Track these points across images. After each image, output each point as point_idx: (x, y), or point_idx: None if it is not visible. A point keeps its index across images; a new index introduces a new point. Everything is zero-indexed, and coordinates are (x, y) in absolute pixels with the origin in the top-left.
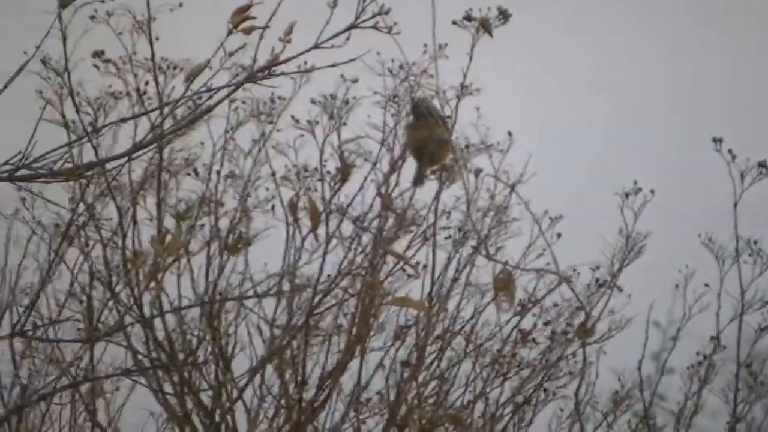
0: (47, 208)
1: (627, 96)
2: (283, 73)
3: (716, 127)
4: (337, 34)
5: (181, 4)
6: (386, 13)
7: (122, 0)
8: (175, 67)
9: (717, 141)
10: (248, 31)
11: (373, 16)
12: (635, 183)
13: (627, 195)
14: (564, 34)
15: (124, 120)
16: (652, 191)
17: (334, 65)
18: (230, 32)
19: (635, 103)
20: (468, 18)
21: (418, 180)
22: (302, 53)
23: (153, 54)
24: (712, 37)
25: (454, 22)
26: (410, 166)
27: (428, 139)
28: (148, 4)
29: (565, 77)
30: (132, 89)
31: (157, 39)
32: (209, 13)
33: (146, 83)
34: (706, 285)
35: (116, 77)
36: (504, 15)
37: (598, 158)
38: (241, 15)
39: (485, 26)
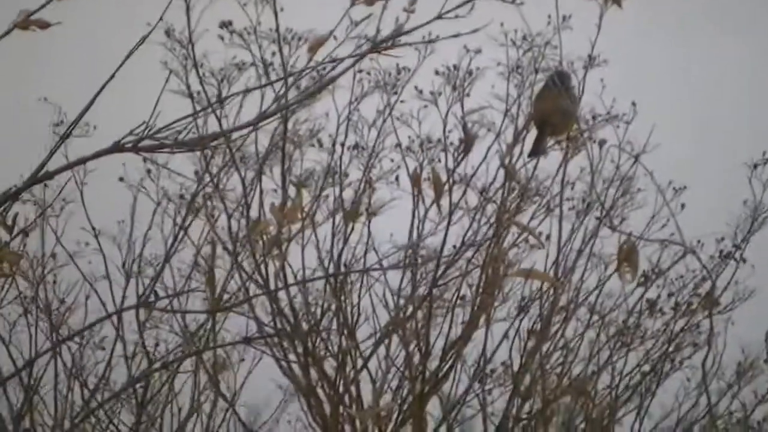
0: (172, 179)
1: (755, 66)
2: (407, 44)
3: None
4: (461, 5)
5: None
6: None
7: None
8: (299, 38)
9: None
10: (371, 2)
11: None
12: (764, 154)
13: (755, 166)
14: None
15: (248, 90)
16: None
17: (457, 35)
18: (353, 2)
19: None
20: None
21: (537, 151)
22: (426, 24)
23: (277, 25)
24: None
25: None
26: (534, 136)
27: (553, 109)
28: None
29: (690, 47)
30: (257, 60)
31: (281, 10)
32: None
33: (273, 54)
34: None
35: (241, 48)
36: None
37: (725, 129)
38: None
39: None
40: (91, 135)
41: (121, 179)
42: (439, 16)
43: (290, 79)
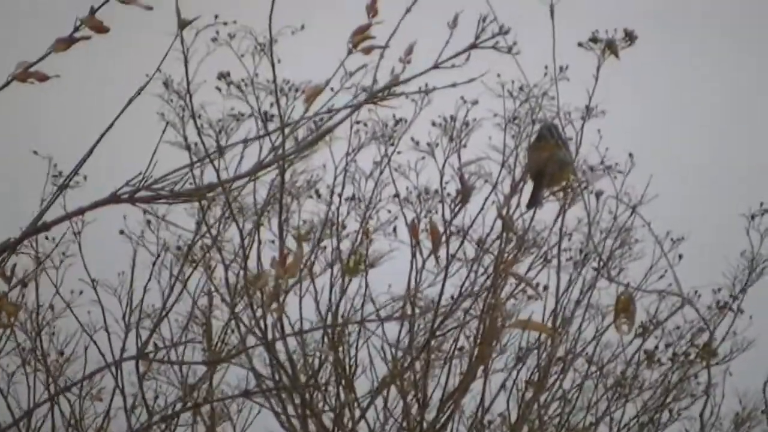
0: (171, 231)
1: (753, 116)
2: (403, 94)
3: None
4: (457, 54)
5: (303, 27)
6: (506, 32)
7: (244, 22)
8: (296, 90)
9: None
10: (368, 52)
11: (493, 36)
12: (761, 204)
13: (753, 216)
14: (693, 56)
15: (246, 141)
16: None
17: (453, 85)
18: (350, 52)
19: (762, 122)
20: (594, 40)
21: (534, 201)
22: (422, 73)
23: (275, 76)
24: None
25: (580, 44)
26: (530, 187)
27: (549, 160)
28: (270, 26)
29: (689, 98)
30: (254, 111)
31: (279, 61)
32: (329, 34)
33: (270, 105)
34: None
35: (238, 99)
36: (630, 37)
37: (723, 180)
38: (360, 35)
39: (612, 48)
40: (89, 186)
41: (121, 232)
42: (436, 66)
43: (287, 130)
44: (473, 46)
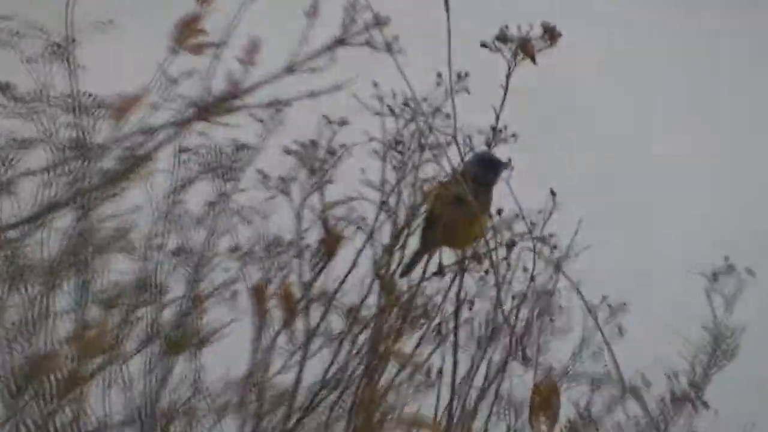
0: None
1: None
2: (245, 108)
3: None
4: (318, 54)
5: (111, 21)
6: (384, 24)
7: (34, 17)
8: (102, 105)
9: None
10: (197, 51)
11: (366, 29)
12: (726, 259)
13: (715, 276)
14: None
15: (31, 173)
16: (751, 271)
17: (313, 95)
18: (173, 51)
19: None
20: (503, 38)
21: (442, 270)
22: (271, 79)
23: (74, 87)
24: None
25: (484, 45)
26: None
27: (463, 216)
28: (67, 21)
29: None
30: (45, 133)
31: (80, 66)
32: (147, 31)
33: (68, 125)
34: None
35: (23, 118)
36: (552, 34)
37: (676, 228)
38: (187, 29)
39: (526, 49)
40: None
41: None
42: (290, 69)
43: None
44: (340, 42)
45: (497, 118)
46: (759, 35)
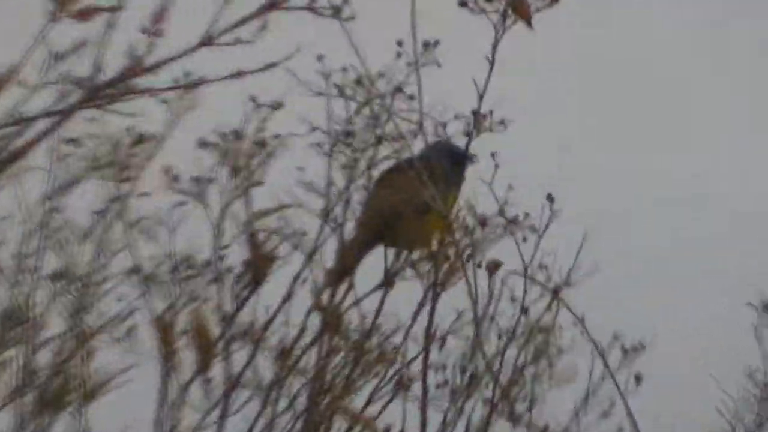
0: None
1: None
2: (149, 90)
3: None
4: (243, 21)
5: None
6: None
7: None
8: None
9: None
10: (86, 17)
11: None
12: None
13: (766, 307)
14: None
15: None
16: None
17: (236, 75)
18: (53, 18)
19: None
20: None
21: (388, 281)
22: (183, 54)
23: None
24: None
25: (463, 4)
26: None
27: (408, 206)
28: None
29: (639, 88)
30: None
31: None
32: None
33: None
34: None
35: None
36: None
37: (705, 242)
38: None
39: (519, 10)
40: None
41: None
42: (207, 41)
43: None
44: (273, 4)
45: (480, 98)
46: None
